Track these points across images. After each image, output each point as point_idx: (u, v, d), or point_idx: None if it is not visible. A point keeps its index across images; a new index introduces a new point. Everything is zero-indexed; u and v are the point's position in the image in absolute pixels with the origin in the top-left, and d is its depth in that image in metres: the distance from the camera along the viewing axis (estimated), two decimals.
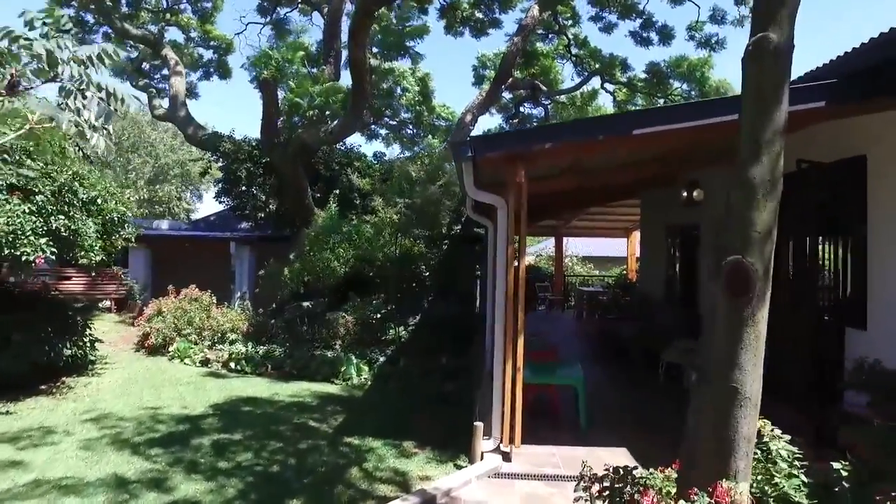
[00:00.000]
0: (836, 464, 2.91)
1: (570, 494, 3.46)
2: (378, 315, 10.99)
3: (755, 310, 2.88)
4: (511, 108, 18.83)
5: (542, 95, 17.79)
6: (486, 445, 5.47)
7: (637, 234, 16.19)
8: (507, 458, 5.31)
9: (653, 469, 3.57)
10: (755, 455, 3.05)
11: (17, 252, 6.50)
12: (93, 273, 13.93)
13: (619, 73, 17.15)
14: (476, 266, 12.74)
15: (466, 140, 5.60)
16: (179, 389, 8.23)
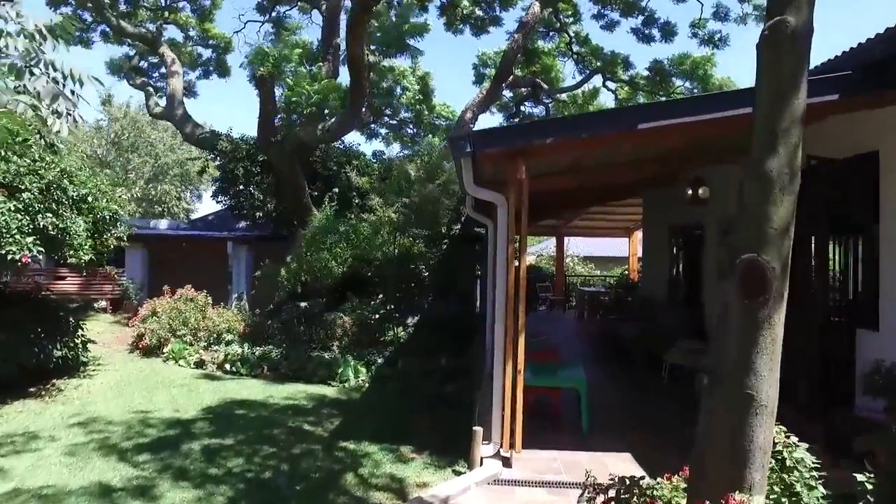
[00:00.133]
0: (860, 476, 2.72)
1: (573, 503, 3.29)
2: (377, 315, 10.82)
3: (771, 311, 2.71)
4: (512, 107, 18.67)
5: (543, 94, 17.65)
6: (486, 450, 5.30)
7: (639, 234, 16.02)
8: (508, 464, 5.16)
9: (660, 478, 3.41)
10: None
11: (3, 251, 6.33)
12: (84, 273, 13.71)
13: (621, 72, 16.98)
14: (476, 265, 12.58)
15: (465, 135, 5.40)
16: (172, 392, 8.06)
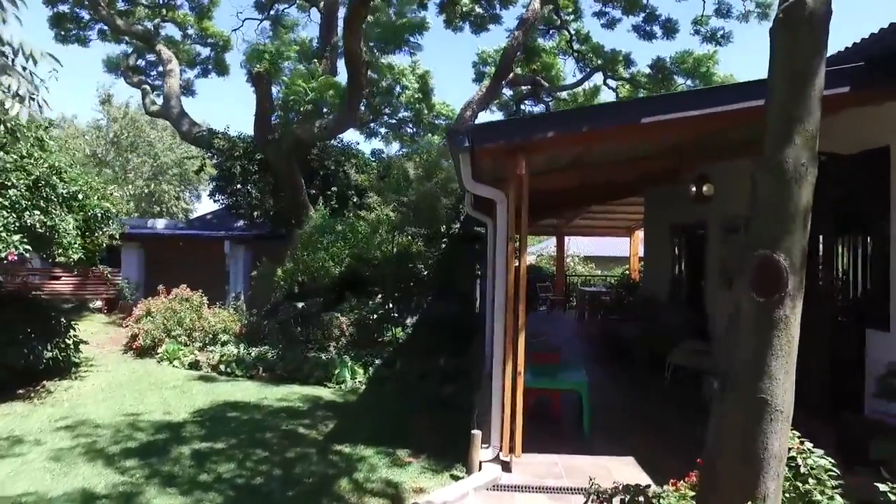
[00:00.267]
0: (883, 486, 2.56)
1: None
2: (375, 316, 10.65)
3: (787, 311, 2.56)
4: (512, 105, 18.51)
5: (544, 92, 17.51)
6: (485, 454, 5.13)
7: (640, 233, 15.84)
8: (507, 468, 4.99)
9: (666, 486, 3.27)
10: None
11: None
12: (76, 272, 13.52)
13: (622, 69, 16.82)
14: (476, 265, 12.42)
15: (463, 129, 5.23)
16: (164, 394, 7.88)
